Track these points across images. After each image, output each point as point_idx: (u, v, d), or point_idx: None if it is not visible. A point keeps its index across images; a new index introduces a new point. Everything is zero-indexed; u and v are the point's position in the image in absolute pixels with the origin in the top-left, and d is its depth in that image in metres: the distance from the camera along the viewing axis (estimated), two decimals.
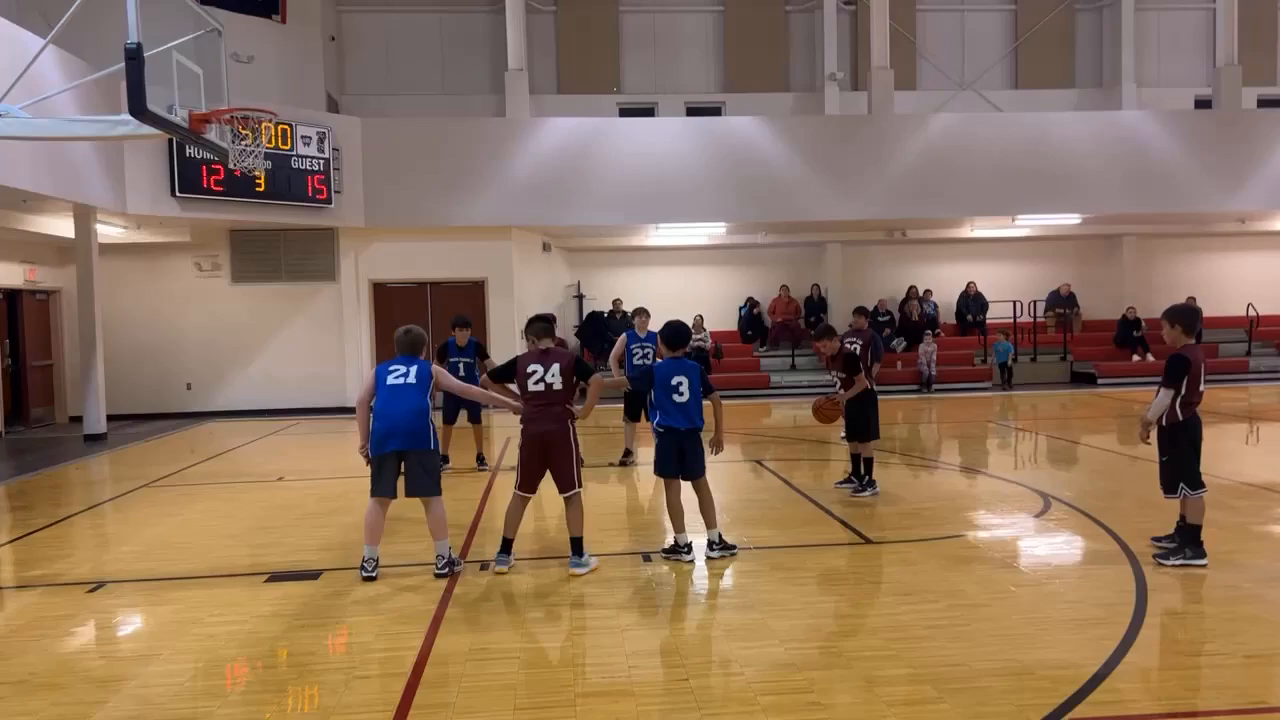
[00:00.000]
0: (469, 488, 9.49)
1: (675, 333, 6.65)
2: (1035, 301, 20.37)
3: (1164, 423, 6.12)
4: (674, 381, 6.43)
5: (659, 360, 6.71)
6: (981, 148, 18.42)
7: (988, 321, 20.14)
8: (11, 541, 7.81)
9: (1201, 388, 6.10)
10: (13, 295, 15.90)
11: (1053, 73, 22.42)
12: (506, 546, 6.36)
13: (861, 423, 8.54)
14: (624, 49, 21.56)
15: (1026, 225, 20.12)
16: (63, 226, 14.69)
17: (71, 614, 5.77)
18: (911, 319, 19.89)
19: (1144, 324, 19.67)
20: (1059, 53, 22.51)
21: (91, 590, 6.23)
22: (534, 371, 6.20)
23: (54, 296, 17.14)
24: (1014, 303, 20.05)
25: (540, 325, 6.37)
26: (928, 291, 20.60)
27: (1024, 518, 7.71)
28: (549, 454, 6.21)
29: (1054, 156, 18.46)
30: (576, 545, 6.29)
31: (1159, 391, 6.09)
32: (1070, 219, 19.61)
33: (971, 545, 6.85)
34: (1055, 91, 22.15)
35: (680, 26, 21.71)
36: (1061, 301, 20.69)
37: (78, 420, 15.41)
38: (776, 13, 21.87)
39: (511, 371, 6.35)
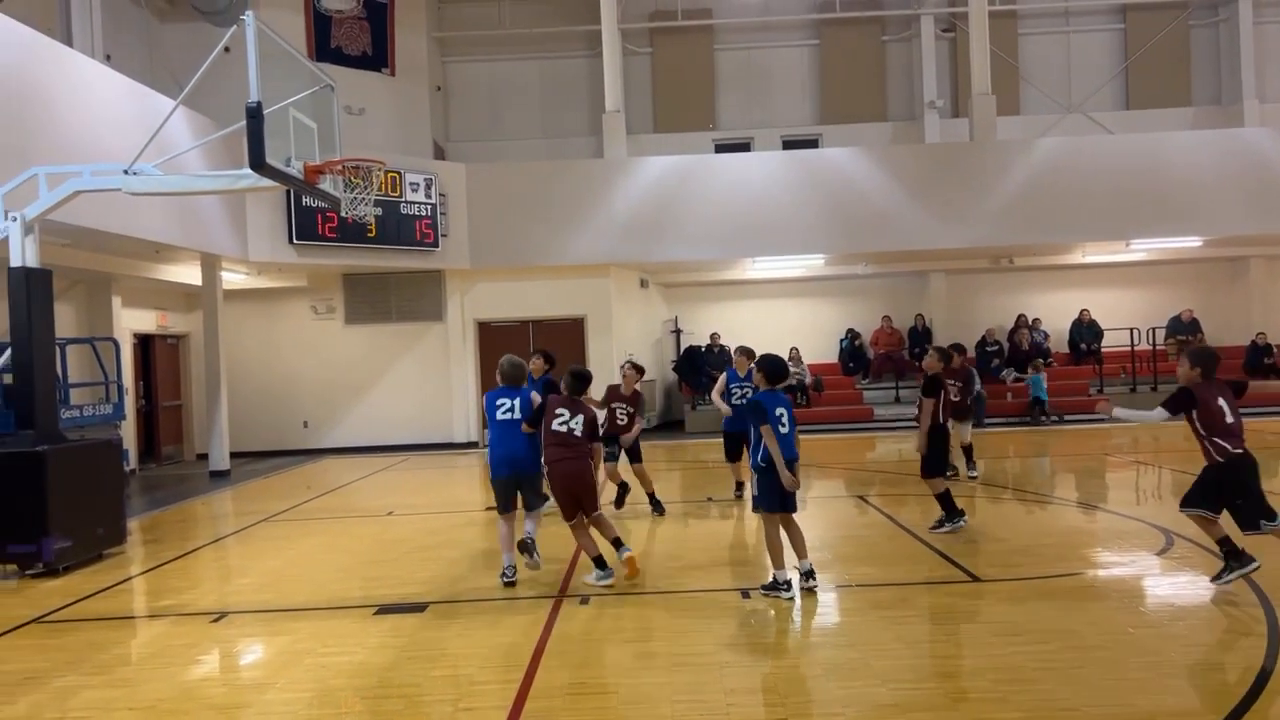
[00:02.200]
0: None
1: (775, 366, 6.68)
2: (1154, 328, 19.51)
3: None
4: (777, 413, 6.44)
5: (760, 391, 6.72)
6: (1092, 171, 17.82)
7: (1103, 350, 19.38)
8: (144, 573, 8.28)
9: (1229, 422, 6.06)
10: (146, 340, 16.92)
11: (1167, 92, 21.53)
12: (600, 563, 6.91)
13: (927, 458, 8.33)
14: (719, 86, 21.72)
15: (1142, 249, 19.34)
16: (191, 274, 15.66)
17: (196, 643, 6.07)
18: (1021, 348, 19.29)
19: (1275, 349, 18.59)
20: (1173, 71, 21.62)
21: (214, 620, 6.55)
22: (561, 414, 6.86)
23: (183, 341, 18.18)
24: (1131, 330, 19.24)
25: (574, 384, 7.07)
26: (1037, 320, 19.97)
27: (1144, 555, 7.35)
28: (571, 489, 6.81)
29: (1170, 178, 17.73)
30: (599, 561, 6.89)
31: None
32: (1190, 242, 18.75)
33: (1086, 584, 6.57)
34: (1170, 111, 21.26)
35: (775, 61, 21.74)
36: (1183, 328, 19.73)
37: (204, 457, 16.21)
38: (873, 43, 21.73)
39: (541, 413, 6.92)
